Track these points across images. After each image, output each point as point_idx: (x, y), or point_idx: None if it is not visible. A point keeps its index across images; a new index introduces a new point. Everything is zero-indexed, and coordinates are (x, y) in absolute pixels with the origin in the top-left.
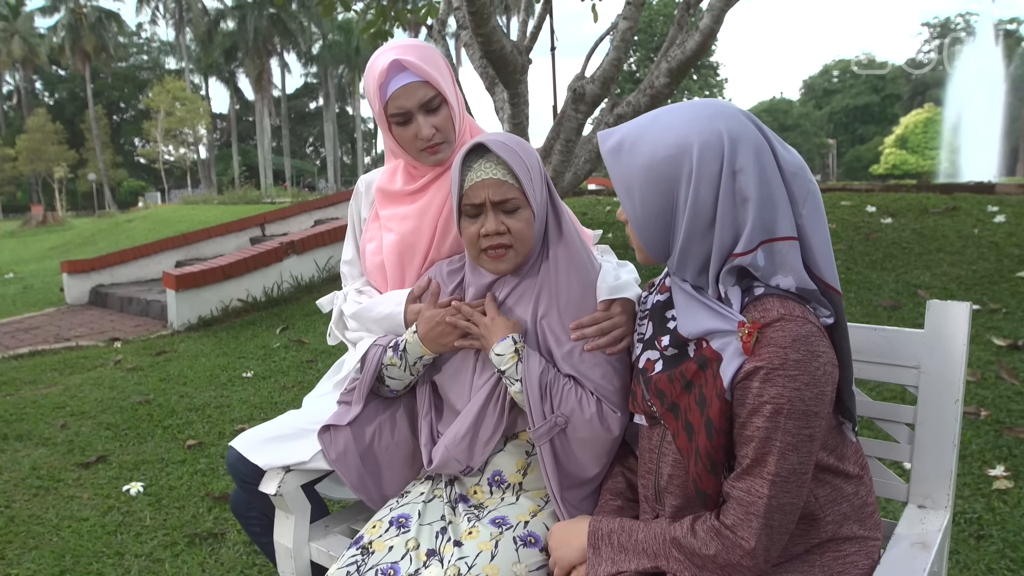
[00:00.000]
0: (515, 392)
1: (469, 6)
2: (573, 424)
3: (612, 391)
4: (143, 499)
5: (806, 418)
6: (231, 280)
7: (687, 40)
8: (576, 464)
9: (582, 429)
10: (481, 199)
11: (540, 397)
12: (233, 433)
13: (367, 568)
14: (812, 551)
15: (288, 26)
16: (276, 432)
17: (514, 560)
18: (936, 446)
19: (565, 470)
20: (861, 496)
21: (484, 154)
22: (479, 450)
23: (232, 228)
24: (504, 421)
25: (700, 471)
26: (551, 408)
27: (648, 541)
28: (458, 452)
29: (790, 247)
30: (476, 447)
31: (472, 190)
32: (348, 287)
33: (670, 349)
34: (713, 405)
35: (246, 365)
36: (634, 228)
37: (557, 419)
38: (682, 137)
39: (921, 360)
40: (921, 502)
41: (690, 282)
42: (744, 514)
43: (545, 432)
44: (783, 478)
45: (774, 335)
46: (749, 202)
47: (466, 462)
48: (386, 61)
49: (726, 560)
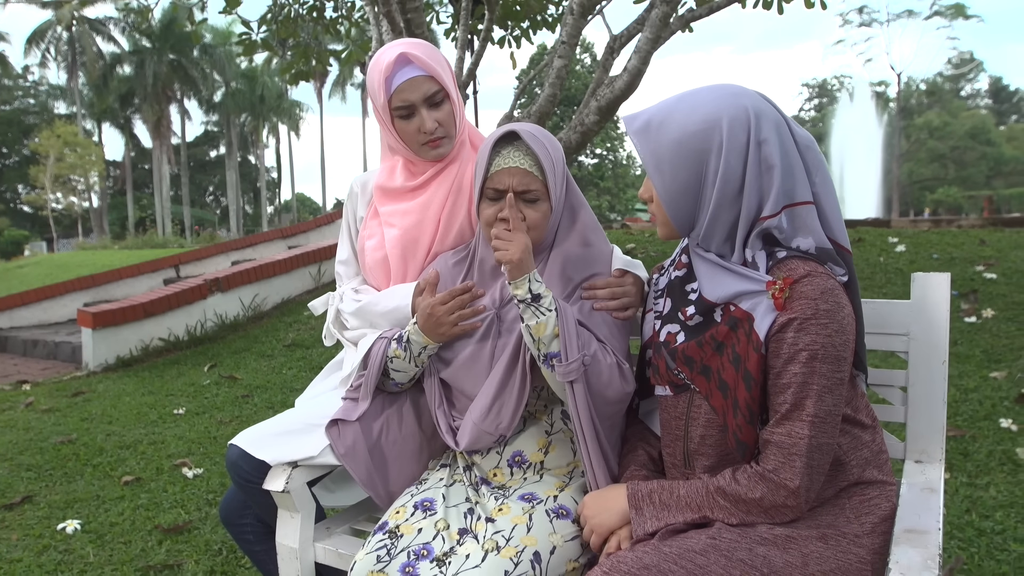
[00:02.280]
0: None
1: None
2: (596, 367)
3: (616, 349)
4: (82, 537)
5: (838, 362)
6: (152, 318)
7: (616, 80)
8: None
9: (605, 373)
10: (504, 186)
11: (576, 331)
12: (172, 468)
13: (398, 551)
14: (841, 495)
15: (189, 72)
16: (281, 428)
17: (550, 531)
18: (927, 404)
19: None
20: (877, 444)
21: (514, 142)
22: (508, 417)
23: (144, 269)
24: (528, 384)
25: (740, 423)
26: (580, 346)
27: (691, 495)
28: (488, 424)
29: (808, 211)
30: (504, 414)
31: (498, 175)
32: (344, 287)
33: (695, 318)
34: (751, 359)
35: (176, 402)
36: (663, 201)
37: (585, 358)
38: (711, 113)
39: (910, 327)
40: (918, 457)
41: (714, 251)
42: (786, 456)
43: (576, 368)
44: (821, 419)
45: (804, 289)
46: (774, 169)
47: (498, 432)
48: (393, 55)
49: (771, 502)
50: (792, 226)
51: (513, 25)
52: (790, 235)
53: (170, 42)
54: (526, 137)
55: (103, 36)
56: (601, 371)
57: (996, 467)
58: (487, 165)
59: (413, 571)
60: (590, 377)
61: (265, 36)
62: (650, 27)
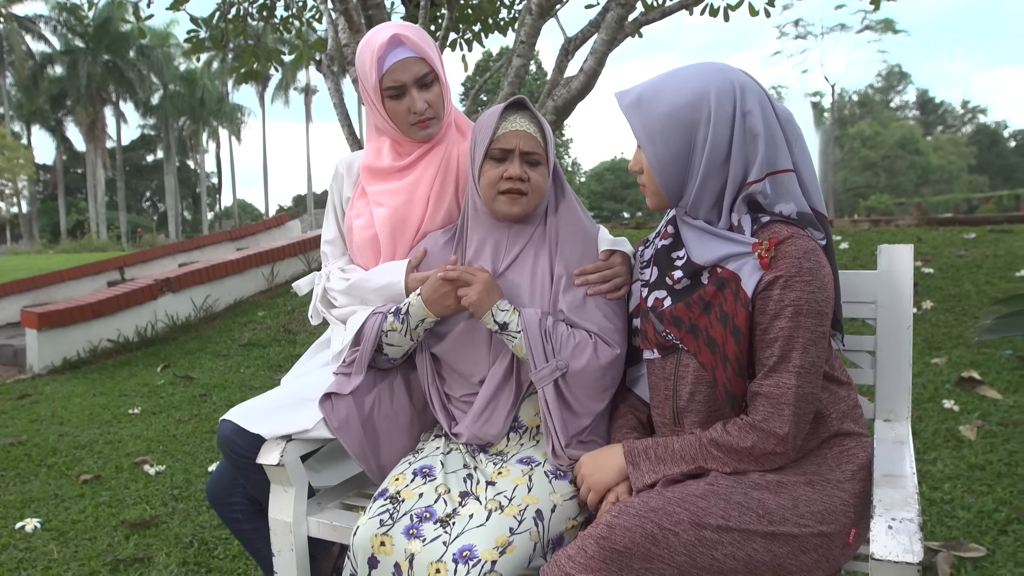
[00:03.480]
0: (516, 346)
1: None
2: (573, 363)
3: (612, 330)
4: (43, 535)
5: (820, 317)
6: (101, 319)
7: (572, 81)
8: (579, 401)
9: (581, 363)
10: (512, 146)
11: (541, 341)
12: (133, 466)
13: (400, 514)
14: (823, 445)
15: (125, 74)
16: (274, 403)
17: (550, 491)
18: (894, 366)
19: (571, 408)
20: (852, 399)
21: (520, 110)
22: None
23: (87, 271)
24: (521, 395)
25: (730, 375)
26: (552, 352)
27: (685, 448)
28: (480, 431)
29: (789, 178)
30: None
31: (505, 137)
32: (330, 266)
33: (683, 281)
34: (739, 315)
35: (130, 402)
36: (654, 171)
37: (558, 363)
38: (700, 87)
39: (877, 295)
40: (887, 416)
41: (702, 218)
42: (774, 406)
43: (548, 374)
44: (806, 370)
45: (788, 249)
46: (758, 138)
47: (489, 439)
48: (386, 36)
49: (762, 450)
50: (775, 192)
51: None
52: (773, 200)
53: (105, 42)
54: (531, 107)
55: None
56: (576, 365)
57: (942, 444)
58: (494, 128)
59: (417, 533)
60: (570, 377)
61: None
62: (606, 29)
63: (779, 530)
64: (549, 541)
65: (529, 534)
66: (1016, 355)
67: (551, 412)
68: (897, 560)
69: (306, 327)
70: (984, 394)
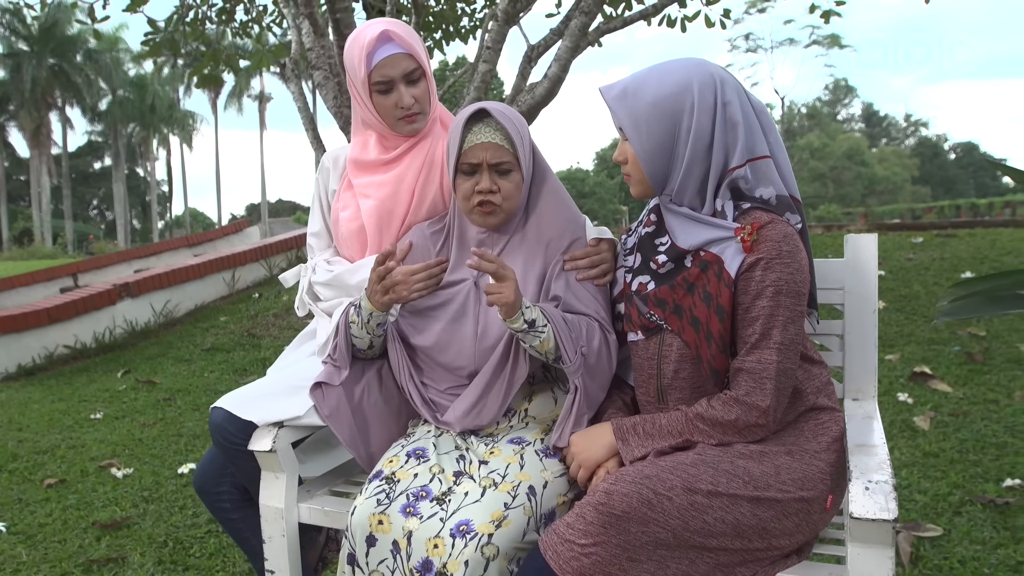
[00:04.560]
0: (543, 340)
1: (339, 39)
2: (591, 351)
3: (605, 318)
4: (9, 538)
5: (799, 297)
6: (57, 324)
7: (537, 87)
8: (593, 393)
9: (596, 355)
10: (479, 159)
11: (568, 332)
12: (98, 470)
13: (396, 494)
14: (799, 419)
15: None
16: (265, 390)
17: (541, 468)
18: (861, 348)
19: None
20: (825, 376)
21: (484, 119)
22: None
23: (39, 278)
24: (515, 388)
25: (715, 352)
26: (575, 340)
27: (672, 423)
28: (471, 424)
29: (767, 164)
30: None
31: (471, 150)
32: (316, 258)
33: (667, 265)
34: (723, 295)
35: (91, 408)
36: (641, 159)
37: (582, 349)
38: (683, 79)
39: (844, 282)
40: (855, 395)
41: (686, 204)
42: (756, 381)
43: (580, 365)
44: (786, 346)
45: (768, 233)
46: (738, 127)
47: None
48: (375, 32)
49: (745, 422)
50: (755, 178)
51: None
52: (754, 186)
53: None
54: (495, 113)
55: None
56: (594, 351)
57: (898, 434)
58: (460, 141)
59: (414, 511)
60: (588, 359)
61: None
62: (570, 36)
63: (763, 495)
64: (541, 516)
65: (523, 508)
66: (964, 351)
67: (575, 402)
68: (874, 518)
69: (270, 331)
70: (935, 387)
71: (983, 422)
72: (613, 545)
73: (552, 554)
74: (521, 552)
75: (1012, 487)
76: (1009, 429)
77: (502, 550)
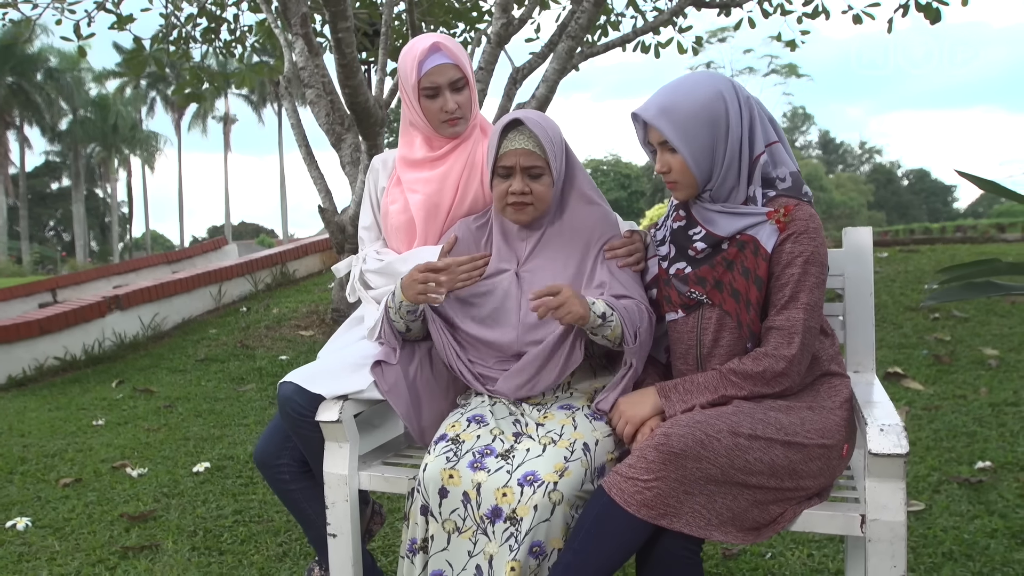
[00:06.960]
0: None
1: (339, 59)
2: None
3: (646, 300)
4: (37, 531)
5: (822, 266)
6: (48, 336)
7: (525, 107)
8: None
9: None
10: (512, 163)
11: (629, 319)
12: (111, 470)
13: (463, 452)
14: (816, 382)
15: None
16: (327, 368)
17: (592, 428)
18: (861, 326)
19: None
20: (835, 348)
21: (518, 127)
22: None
23: (17, 293)
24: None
25: (752, 316)
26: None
27: (708, 380)
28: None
29: (777, 149)
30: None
31: (506, 155)
32: (367, 249)
33: (705, 251)
34: (760, 268)
35: (91, 415)
36: (690, 164)
37: (639, 330)
38: (711, 88)
39: (845, 269)
40: (856, 368)
41: (723, 198)
42: (785, 336)
43: (638, 345)
44: (811, 307)
45: (797, 213)
46: (755, 120)
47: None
48: (427, 43)
49: (773, 371)
50: (772, 160)
51: None
52: (773, 167)
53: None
54: (528, 122)
55: None
56: (644, 330)
57: None
58: (497, 147)
59: (482, 465)
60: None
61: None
62: (557, 58)
63: (793, 439)
64: (595, 469)
65: (580, 462)
66: (931, 354)
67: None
68: (891, 452)
69: (263, 343)
70: (908, 386)
71: (953, 415)
72: (672, 479)
73: (617, 491)
74: (580, 500)
75: (984, 468)
76: (977, 420)
77: (566, 496)
